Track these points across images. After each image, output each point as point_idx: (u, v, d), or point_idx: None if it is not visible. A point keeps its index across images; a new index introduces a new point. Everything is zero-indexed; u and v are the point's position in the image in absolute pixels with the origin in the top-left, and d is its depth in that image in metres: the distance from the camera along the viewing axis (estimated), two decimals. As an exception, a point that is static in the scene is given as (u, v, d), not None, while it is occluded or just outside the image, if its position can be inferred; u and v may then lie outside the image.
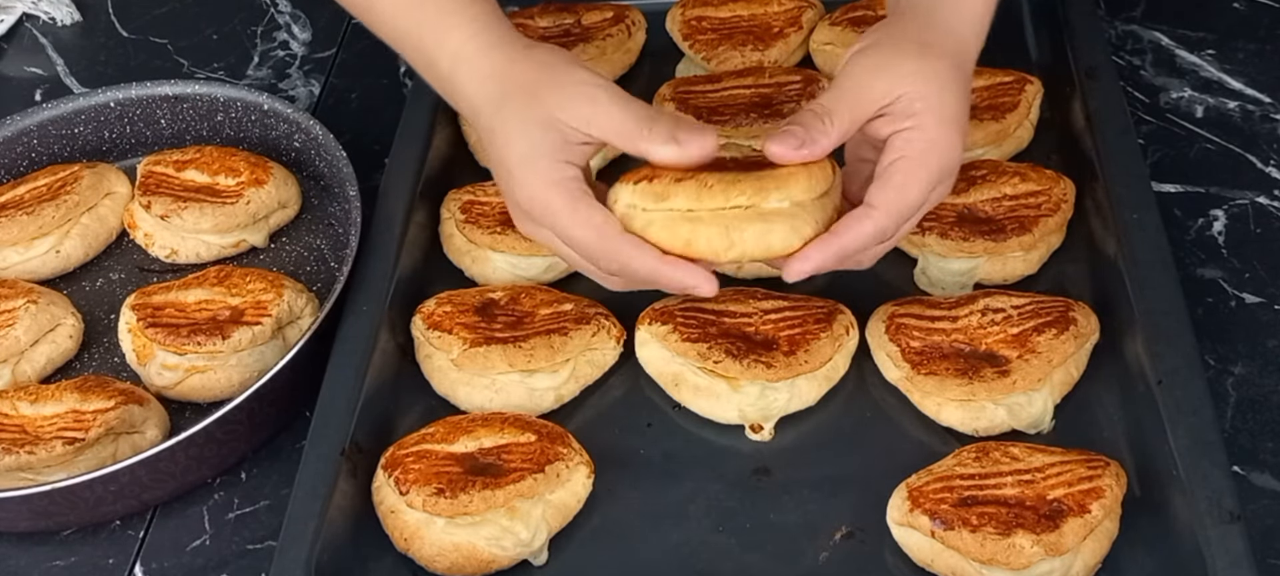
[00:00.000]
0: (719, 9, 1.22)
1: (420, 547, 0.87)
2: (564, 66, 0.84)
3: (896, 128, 0.82)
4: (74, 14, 1.44)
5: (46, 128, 1.19)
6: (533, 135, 0.82)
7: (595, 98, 0.82)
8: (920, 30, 0.85)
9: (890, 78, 0.82)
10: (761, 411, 0.93)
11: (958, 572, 0.83)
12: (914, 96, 0.82)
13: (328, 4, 1.41)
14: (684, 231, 0.81)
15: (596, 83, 0.83)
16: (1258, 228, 1.07)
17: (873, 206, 0.81)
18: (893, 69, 0.82)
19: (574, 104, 0.82)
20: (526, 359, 0.94)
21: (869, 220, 0.81)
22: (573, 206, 0.82)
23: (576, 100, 0.82)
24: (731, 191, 0.80)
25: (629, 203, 0.82)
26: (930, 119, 0.82)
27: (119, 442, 0.96)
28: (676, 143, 0.81)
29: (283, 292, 1.02)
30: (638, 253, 0.82)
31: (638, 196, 0.82)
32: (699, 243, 0.80)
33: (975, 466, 0.85)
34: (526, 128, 0.83)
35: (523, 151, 0.83)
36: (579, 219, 0.82)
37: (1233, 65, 1.21)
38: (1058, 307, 0.94)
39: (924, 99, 0.82)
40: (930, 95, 0.82)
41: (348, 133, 1.16)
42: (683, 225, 0.81)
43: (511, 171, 0.84)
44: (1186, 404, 0.85)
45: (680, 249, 0.81)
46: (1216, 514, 0.79)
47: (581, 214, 0.82)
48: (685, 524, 0.89)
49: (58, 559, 0.94)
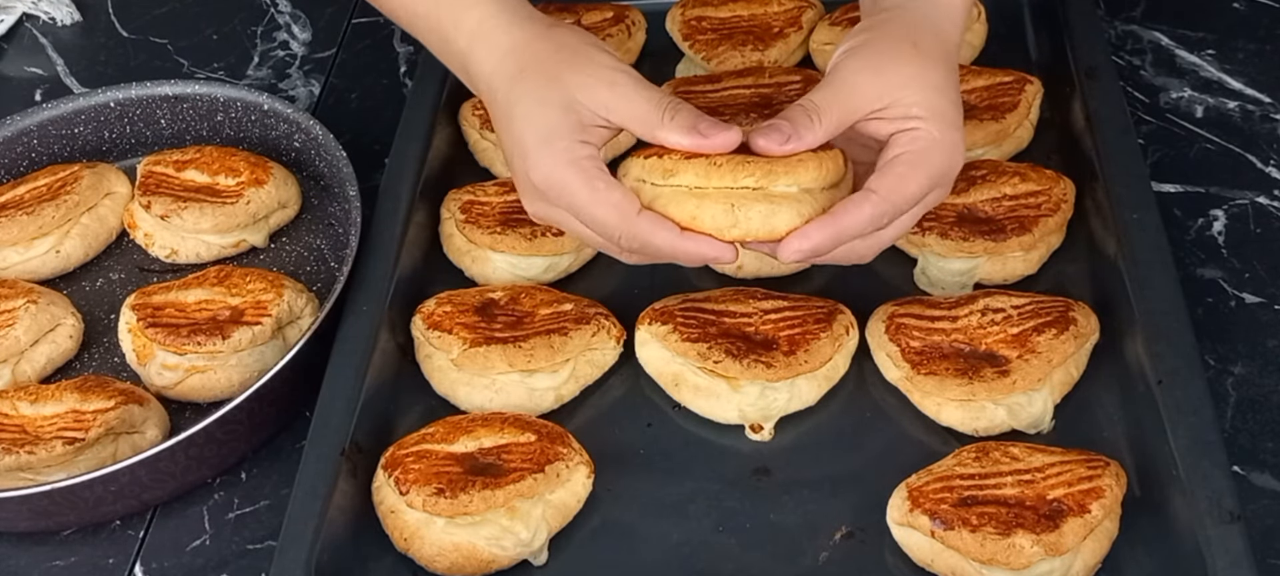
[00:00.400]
0: (719, 9, 1.22)
1: (420, 547, 0.87)
2: (585, 48, 0.84)
3: (898, 128, 0.82)
4: (74, 14, 1.44)
5: (46, 128, 1.19)
6: (551, 116, 0.82)
7: (615, 81, 0.82)
8: (910, 30, 0.84)
9: (884, 81, 0.82)
10: (761, 411, 0.93)
11: (958, 572, 0.83)
12: (912, 102, 0.82)
13: (328, 4, 1.41)
14: (690, 206, 0.81)
15: (617, 67, 0.83)
16: (1258, 228, 1.07)
17: (872, 190, 0.81)
18: (887, 72, 0.82)
19: (594, 87, 0.82)
20: (526, 359, 0.94)
21: (867, 203, 0.81)
22: (591, 186, 0.81)
23: (597, 84, 0.82)
24: (739, 172, 0.81)
25: (638, 177, 0.83)
26: (934, 124, 0.82)
27: (119, 442, 0.96)
28: (699, 132, 0.81)
29: (283, 292, 1.02)
30: (658, 229, 0.81)
31: (646, 171, 0.83)
32: (704, 219, 0.81)
33: (975, 466, 0.85)
34: (544, 108, 0.82)
35: (540, 131, 0.82)
36: (598, 198, 0.81)
37: (1233, 65, 1.21)
38: (1058, 307, 0.94)
39: (923, 104, 0.82)
40: (930, 101, 0.82)
41: (348, 133, 1.16)
42: (689, 200, 0.81)
43: (528, 152, 0.83)
44: (1186, 404, 0.85)
45: (685, 224, 0.82)
46: (1216, 514, 0.79)
47: (600, 193, 0.81)
48: (685, 524, 0.89)
49: (58, 559, 0.94)
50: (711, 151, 0.81)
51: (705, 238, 0.81)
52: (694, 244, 0.82)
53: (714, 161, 0.81)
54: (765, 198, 0.80)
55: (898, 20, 0.85)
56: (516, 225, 1.03)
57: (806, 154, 0.82)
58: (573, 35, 0.85)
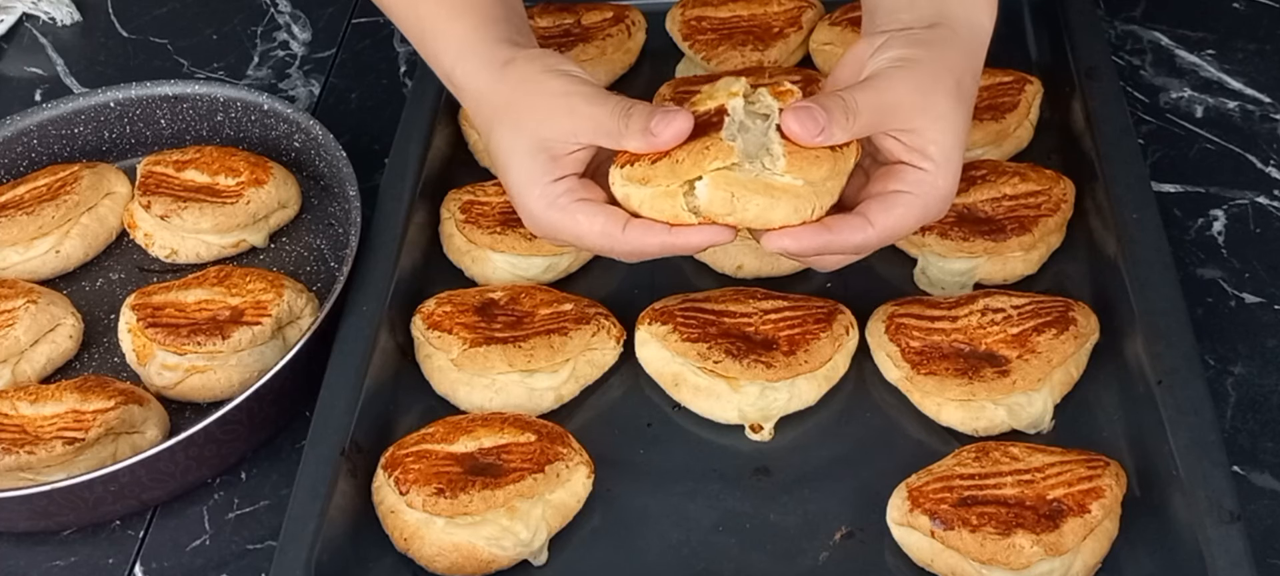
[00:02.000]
0: (719, 9, 1.22)
1: (420, 547, 0.87)
2: (538, 77, 0.85)
3: (909, 160, 0.81)
4: (74, 14, 1.44)
5: (46, 128, 1.19)
6: (523, 164, 0.84)
7: (572, 106, 0.83)
8: (958, 65, 0.83)
9: (923, 109, 0.81)
10: (761, 411, 0.93)
11: (958, 572, 0.83)
12: (935, 141, 0.81)
13: (328, 4, 1.41)
14: (676, 205, 0.80)
15: (569, 90, 0.84)
16: (1258, 228, 1.07)
17: (871, 223, 0.81)
18: (930, 101, 0.81)
19: (554, 119, 0.83)
20: (526, 359, 0.94)
21: (862, 234, 0.81)
22: (573, 221, 0.83)
23: (555, 114, 0.83)
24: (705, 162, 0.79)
25: (622, 190, 0.82)
26: (943, 173, 0.81)
27: (119, 442, 0.96)
28: (651, 133, 0.80)
29: (283, 292, 1.02)
30: (646, 236, 0.82)
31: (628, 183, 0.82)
32: (700, 209, 0.80)
33: (975, 466, 0.85)
34: (516, 157, 0.84)
35: (519, 179, 0.84)
36: (582, 229, 0.83)
37: (1233, 65, 1.21)
38: (1058, 307, 0.94)
39: (942, 149, 0.81)
40: (948, 147, 0.81)
41: (348, 133, 1.16)
42: (677, 199, 0.80)
43: (513, 194, 0.86)
44: (1186, 404, 0.85)
45: (685, 218, 0.80)
46: (1216, 514, 0.79)
47: (583, 225, 0.83)
48: (685, 524, 0.89)
49: (58, 559, 0.94)
50: (665, 147, 0.80)
51: (697, 228, 0.81)
52: (687, 236, 0.81)
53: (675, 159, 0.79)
54: (766, 188, 0.79)
55: (952, 49, 0.84)
56: (516, 225, 1.03)
57: (823, 149, 0.80)
58: (528, 66, 0.86)
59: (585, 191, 0.83)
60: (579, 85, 0.84)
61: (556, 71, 0.85)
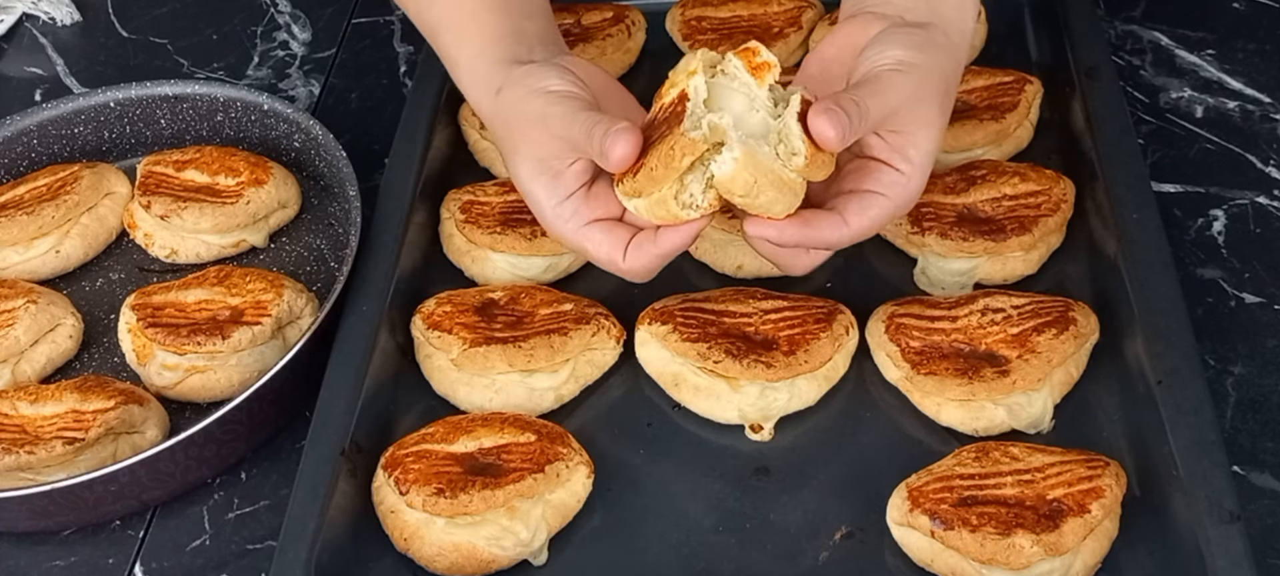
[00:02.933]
0: (719, 9, 1.22)
1: (420, 547, 0.87)
2: (521, 104, 0.87)
3: (888, 159, 0.83)
4: (74, 14, 1.44)
5: (46, 128, 1.19)
6: (532, 187, 0.87)
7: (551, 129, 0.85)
8: (950, 72, 0.85)
9: (914, 117, 0.83)
10: (761, 411, 0.93)
11: (958, 572, 0.83)
12: (916, 145, 0.83)
13: (328, 4, 1.41)
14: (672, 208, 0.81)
15: (546, 112, 0.85)
16: (1258, 228, 1.07)
17: (846, 222, 0.83)
18: (920, 109, 0.83)
19: (541, 143, 0.85)
20: (526, 359, 0.94)
21: (837, 232, 0.83)
22: (581, 242, 0.86)
23: (541, 139, 0.85)
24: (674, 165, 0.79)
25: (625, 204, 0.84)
26: (917, 177, 0.83)
27: (119, 442, 0.96)
28: (604, 155, 0.81)
29: (283, 293, 1.02)
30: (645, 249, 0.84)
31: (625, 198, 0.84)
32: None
33: (975, 466, 0.85)
34: (522, 181, 0.88)
35: (533, 201, 0.87)
36: (590, 248, 0.86)
37: (1233, 65, 1.21)
38: (1058, 307, 0.94)
39: (921, 154, 0.83)
40: (926, 154, 0.83)
41: (348, 133, 1.16)
42: (670, 203, 0.81)
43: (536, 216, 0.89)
44: (1186, 404, 0.85)
45: (683, 217, 0.82)
46: (1216, 514, 0.79)
47: (591, 251, 0.86)
48: (685, 524, 0.89)
49: (58, 559, 0.94)
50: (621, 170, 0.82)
51: (680, 228, 0.82)
52: (679, 233, 0.83)
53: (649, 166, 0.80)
54: (779, 182, 0.79)
55: (944, 54, 0.85)
56: (516, 225, 1.03)
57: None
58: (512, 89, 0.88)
59: (592, 209, 0.86)
60: (555, 104, 0.85)
61: (537, 92, 0.86)
